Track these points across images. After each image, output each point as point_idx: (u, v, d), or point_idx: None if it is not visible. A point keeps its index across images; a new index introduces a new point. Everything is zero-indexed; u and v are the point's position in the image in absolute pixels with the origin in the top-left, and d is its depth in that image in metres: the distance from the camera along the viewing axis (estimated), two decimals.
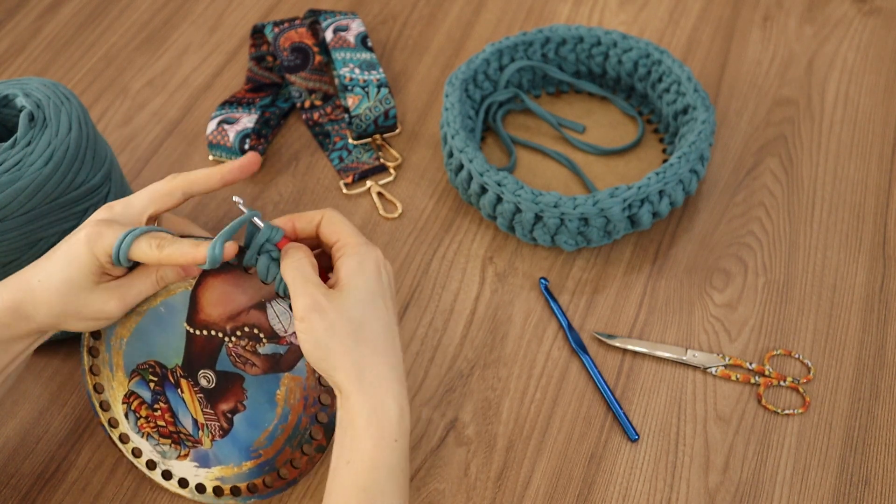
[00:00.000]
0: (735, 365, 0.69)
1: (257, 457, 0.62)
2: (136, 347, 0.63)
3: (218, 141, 0.82)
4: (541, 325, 0.72)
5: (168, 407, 0.63)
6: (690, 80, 0.78)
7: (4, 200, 0.62)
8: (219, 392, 0.62)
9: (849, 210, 0.78)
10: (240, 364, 0.61)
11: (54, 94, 0.66)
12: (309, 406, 0.61)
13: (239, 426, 0.62)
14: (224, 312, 0.61)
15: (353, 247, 0.57)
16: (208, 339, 0.61)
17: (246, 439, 0.62)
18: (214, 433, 0.63)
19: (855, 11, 0.94)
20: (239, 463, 0.63)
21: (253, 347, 0.61)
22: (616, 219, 0.72)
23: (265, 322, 0.60)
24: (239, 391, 0.62)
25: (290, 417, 0.61)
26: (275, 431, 0.62)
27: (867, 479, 0.64)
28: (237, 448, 0.63)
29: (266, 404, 0.61)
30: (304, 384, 0.61)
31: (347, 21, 0.89)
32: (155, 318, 0.62)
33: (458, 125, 0.76)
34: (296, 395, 0.61)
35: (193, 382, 0.62)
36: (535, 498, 0.64)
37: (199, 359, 0.62)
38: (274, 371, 0.61)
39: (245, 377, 0.61)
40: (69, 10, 0.98)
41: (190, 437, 0.63)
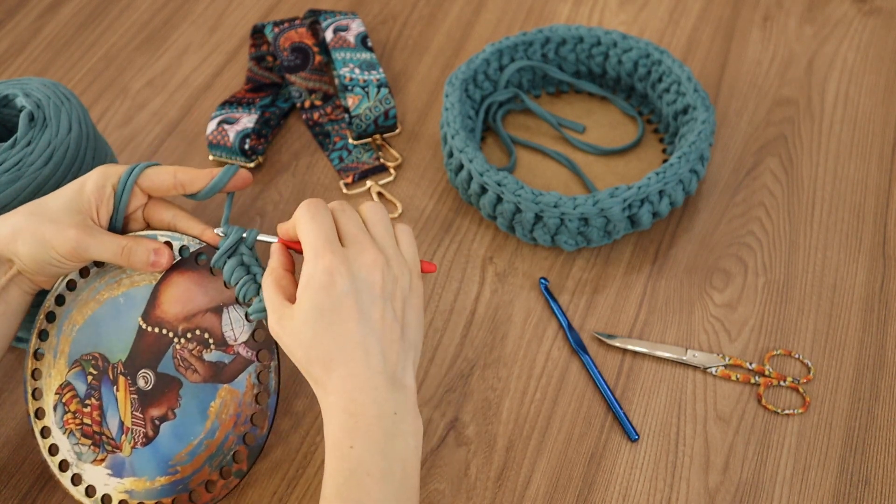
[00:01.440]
0: (735, 365, 0.69)
1: (174, 473, 0.59)
2: (86, 336, 0.61)
3: (218, 141, 0.82)
4: (541, 325, 0.72)
5: (99, 404, 0.60)
6: (690, 80, 0.78)
7: (4, 200, 0.62)
8: (154, 395, 0.59)
9: (849, 210, 0.78)
10: (182, 368, 0.59)
11: (54, 94, 0.66)
12: (239, 424, 0.58)
13: (164, 436, 0.59)
14: (181, 311, 0.59)
15: (305, 262, 0.55)
16: (158, 337, 0.59)
17: (167, 452, 0.59)
18: (137, 440, 0.60)
19: (855, 11, 0.94)
20: (153, 477, 0.59)
21: (199, 352, 0.59)
22: (616, 219, 0.72)
23: (218, 327, 0.58)
24: (174, 397, 0.59)
25: (217, 434, 0.59)
26: (198, 447, 0.59)
27: (867, 479, 0.64)
28: (156, 460, 0.59)
29: (197, 415, 0.59)
30: (240, 399, 0.58)
31: (347, 21, 0.89)
32: (113, 308, 0.61)
33: (458, 125, 0.76)
34: (229, 409, 0.58)
35: (132, 381, 0.60)
36: (535, 498, 0.64)
37: (144, 357, 0.60)
38: (214, 381, 0.59)
39: (183, 383, 0.59)
40: (69, 10, 0.98)
41: (112, 440, 0.60)
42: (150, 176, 0.61)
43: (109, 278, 0.62)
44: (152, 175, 0.61)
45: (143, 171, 0.61)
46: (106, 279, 0.62)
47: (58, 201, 0.60)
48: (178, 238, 0.61)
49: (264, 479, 0.65)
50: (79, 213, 0.59)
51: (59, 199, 0.60)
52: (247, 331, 0.58)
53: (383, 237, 0.58)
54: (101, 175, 0.61)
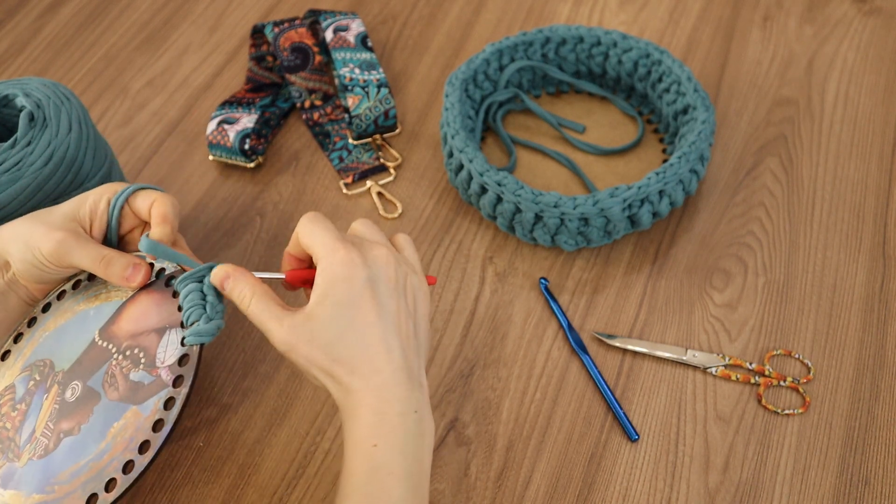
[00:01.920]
0: (735, 365, 0.69)
1: (49, 492, 0.56)
2: (48, 344, 0.61)
3: (218, 141, 0.82)
4: (541, 325, 0.72)
5: (25, 410, 0.59)
6: (690, 80, 0.78)
7: (4, 200, 0.62)
8: (72, 408, 0.57)
9: (849, 210, 0.78)
10: (106, 385, 0.57)
11: (54, 94, 0.66)
12: (128, 449, 0.55)
13: (60, 450, 0.57)
14: (133, 329, 0.58)
15: (318, 261, 0.55)
16: (103, 351, 0.58)
17: (55, 468, 0.56)
18: (37, 451, 0.57)
19: (855, 11, 0.94)
20: (29, 493, 0.56)
21: (128, 370, 0.57)
22: (616, 219, 0.72)
23: (154, 348, 0.57)
24: (87, 412, 0.57)
25: (105, 456, 0.55)
26: (83, 468, 0.55)
27: (867, 479, 0.64)
28: (41, 476, 0.56)
29: (97, 434, 0.56)
30: (140, 423, 0.55)
31: (347, 21, 0.89)
32: (81, 319, 0.60)
33: (458, 125, 0.76)
34: (127, 433, 0.55)
35: (61, 391, 0.58)
36: (535, 498, 0.64)
37: (83, 369, 0.58)
38: (127, 401, 0.56)
39: (101, 399, 0.57)
40: (69, 10, 0.98)
41: (16, 448, 0.58)
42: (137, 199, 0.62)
43: (91, 292, 0.61)
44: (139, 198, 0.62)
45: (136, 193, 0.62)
46: (89, 292, 0.62)
47: (60, 209, 0.61)
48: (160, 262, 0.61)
49: (264, 480, 0.65)
50: (73, 221, 0.60)
51: (63, 207, 0.61)
52: (176, 355, 0.56)
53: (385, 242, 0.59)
54: (101, 190, 0.61)
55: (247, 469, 0.66)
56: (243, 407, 0.69)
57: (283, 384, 0.70)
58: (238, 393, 0.69)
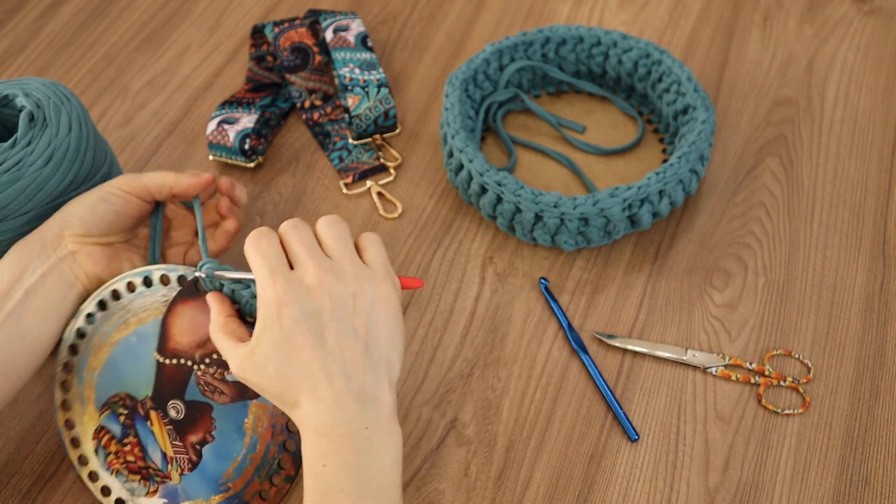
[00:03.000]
0: (735, 365, 0.70)
1: (226, 490, 0.61)
2: (107, 380, 0.62)
3: (218, 141, 0.82)
4: (541, 325, 0.72)
5: (138, 441, 0.62)
6: (690, 80, 0.78)
7: (4, 200, 0.62)
8: (188, 423, 0.61)
9: (849, 210, 0.78)
10: (208, 393, 0.60)
11: (54, 94, 0.66)
12: (277, 434, 0.60)
13: (207, 458, 0.61)
14: (194, 339, 0.60)
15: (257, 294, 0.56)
16: (178, 367, 0.61)
17: (215, 472, 0.61)
18: (183, 467, 0.61)
19: (855, 11, 0.94)
20: (208, 497, 0.61)
21: (221, 375, 0.60)
22: (616, 219, 0.72)
23: None
24: (208, 421, 0.60)
25: (258, 447, 0.60)
26: (243, 462, 0.60)
27: (867, 479, 0.64)
28: (205, 481, 0.61)
29: (234, 434, 0.60)
30: (271, 411, 0.60)
31: (347, 21, 0.89)
32: (126, 348, 0.62)
33: (458, 125, 0.76)
34: (263, 423, 0.60)
35: (163, 414, 0.61)
36: (535, 498, 0.64)
37: (169, 389, 0.61)
38: (242, 399, 0.60)
39: (214, 406, 0.60)
40: (69, 10, 0.98)
41: (159, 472, 0.62)
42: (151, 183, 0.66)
43: (116, 320, 0.63)
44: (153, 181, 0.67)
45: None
46: (113, 321, 0.63)
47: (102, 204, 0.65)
48: (174, 269, 0.61)
49: None
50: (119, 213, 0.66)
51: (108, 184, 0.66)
52: None
53: (339, 252, 0.57)
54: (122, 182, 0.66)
55: None
56: None
57: None
58: None
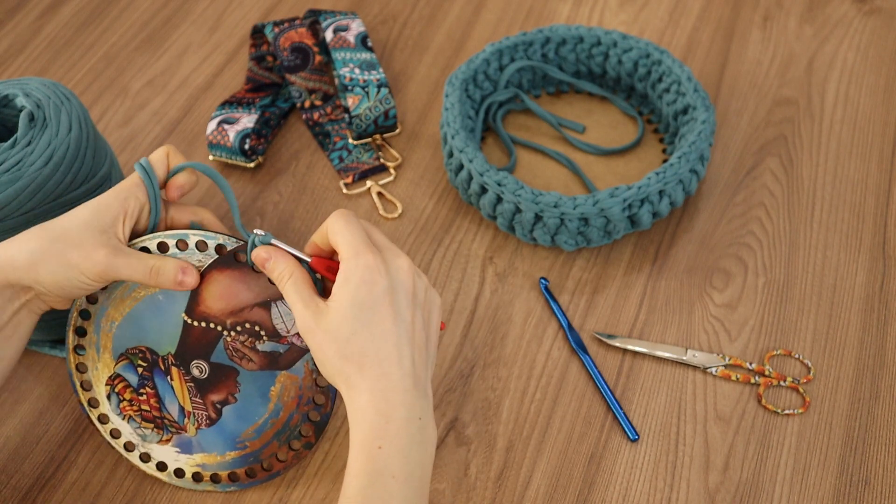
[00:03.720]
0: (735, 365, 0.69)
1: (243, 448, 0.63)
2: (128, 332, 0.63)
3: (218, 141, 0.82)
4: (541, 325, 0.72)
5: (155, 392, 0.64)
6: (690, 80, 0.78)
7: (4, 200, 0.62)
8: (210, 383, 0.63)
9: (849, 210, 0.78)
10: (236, 358, 0.62)
11: (54, 94, 0.66)
12: (302, 405, 0.62)
13: (227, 417, 0.63)
14: (227, 307, 0.61)
15: (344, 261, 0.56)
16: (205, 330, 0.62)
17: (233, 430, 0.63)
18: (201, 422, 0.63)
19: (855, 11, 0.94)
20: (223, 452, 0.63)
21: (252, 343, 0.61)
22: (616, 219, 0.72)
23: (268, 321, 0.61)
24: (232, 384, 0.62)
25: (281, 413, 0.62)
26: (264, 425, 0.62)
27: (867, 479, 0.64)
28: (223, 438, 0.63)
29: (258, 398, 0.62)
30: (300, 383, 0.61)
31: (347, 21, 0.89)
32: (151, 304, 0.62)
33: (458, 125, 0.76)
34: (290, 392, 0.62)
35: (185, 371, 0.63)
36: (535, 498, 0.64)
37: (194, 349, 0.62)
38: (271, 368, 0.61)
39: (240, 371, 0.62)
40: (69, 10, 0.98)
41: (175, 423, 0.64)
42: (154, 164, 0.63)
43: None
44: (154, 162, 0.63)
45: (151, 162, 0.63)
46: None
47: (76, 221, 0.59)
48: (213, 237, 0.61)
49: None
50: (103, 233, 0.59)
51: (77, 220, 0.59)
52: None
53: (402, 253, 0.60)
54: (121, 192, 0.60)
55: None
56: None
57: None
58: None
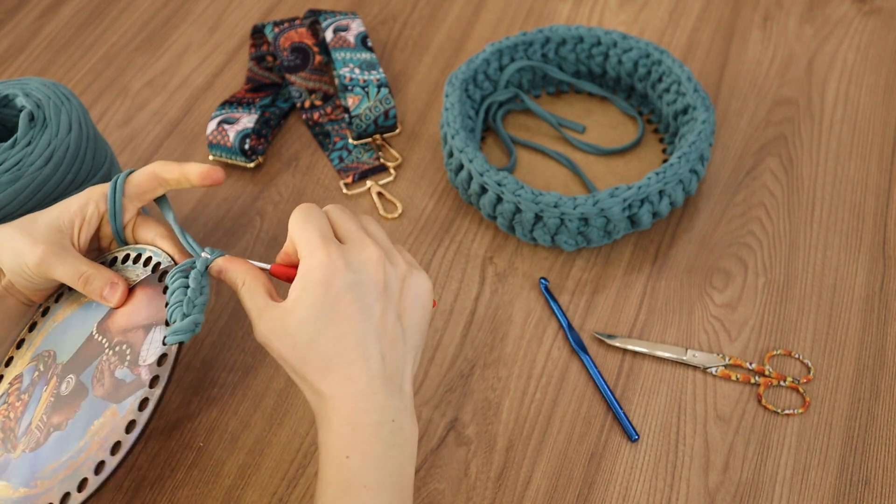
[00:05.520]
0: (735, 365, 0.70)
1: (33, 487, 0.55)
2: (54, 335, 0.60)
3: (218, 141, 0.82)
4: (541, 325, 0.72)
5: (27, 401, 0.59)
6: (690, 80, 0.78)
7: (4, 200, 0.62)
8: (64, 402, 0.57)
9: (849, 210, 0.78)
10: (95, 380, 0.56)
11: (54, 94, 0.66)
12: (101, 448, 0.54)
13: (48, 445, 0.56)
14: (124, 324, 0.57)
15: (301, 260, 0.54)
16: (97, 346, 0.58)
17: (41, 463, 0.56)
18: (30, 444, 0.57)
19: (855, 11, 0.94)
20: (17, 487, 0.56)
21: (114, 367, 0.56)
22: (616, 219, 0.72)
23: (139, 345, 0.56)
24: (75, 407, 0.56)
25: (81, 455, 0.55)
26: (63, 465, 0.54)
27: (867, 479, 0.64)
28: (28, 469, 0.56)
29: (80, 431, 0.55)
30: (115, 423, 0.54)
31: (347, 21, 0.89)
32: (84, 311, 0.60)
33: (458, 125, 0.76)
34: (103, 431, 0.54)
35: (57, 384, 0.58)
36: (535, 498, 0.64)
37: (79, 363, 0.58)
38: (109, 399, 0.55)
39: (88, 394, 0.56)
40: (69, 10, 0.98)
41: (14, 439, 0.58)
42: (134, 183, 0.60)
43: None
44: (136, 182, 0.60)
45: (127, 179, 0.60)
46: None
47: (44, 217, 0.59)
48: (159, 254, 0.59)
49: (264, 479, 0.65)
50: (59, 232, 0.58)
51: (47, 216, 0.59)
52: (156, 354, 0.55)
53: (382, 237, 0.57)
54: (85, 195, 0.59)
55: (247, 469, 0.66)
56: (243, 407, 0.69)
57: (283, 384, 0.70)
58: (238, 393, 0.69)
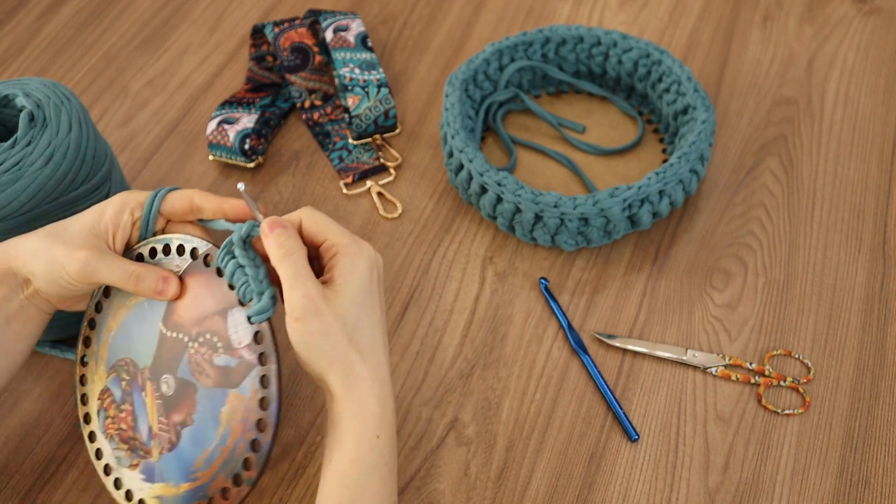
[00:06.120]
0: (735, 365, 0.70)
1: (194, 479, 0.59)
2: (119, 342, 0.61)
3: (218, 141, 0.82)
4: (541, 325, 0.72)
5: (132, 410, 0.61)
6: (690, 80, 0.78)
7: (4, 200, 0.62)
8: (175, 400, 0.59)
9: (849, 210, 0.78)
10: (196, 373, 0.58)
11: (54, 94, 0.66)
12: (247, 430, 0.57)
13: (185, 441, 0.59)
14: (194, 315, 0.59)
15: (345, 246, 0.56)
16: (176, 342, 0.59)
17: (189, 457, 0.59)
18: (164, 445, 0.60)
19: (855, 11, 0.94)
20: (178, 483, 0.59)
21: (210, 357, 0.58)
22: (616, 219, 0.72)
23: (224, 331, 0.57)
24: (191, 402, 0.59)
25: (228, 440, 0.58)
26: (213, 454, 0.58)
27: (867, 479, 0.64)
28: (179, 466, 0.59)
29: (211, 421, 0.58)
30: (246, 405, 0.57)
31: (347, 21, 0.89)
32: (139, 312, 0.61)
33: (458, 125, 0.76)
34: (237, 415, 0.57)
35: (156, 387, 0.60)
36: (535, 498, 0.64)
37: (166, 362, 0.60)
38: (223, 385, 0.58)
39: (198, 388, 0.58)
40: (69, 10, 0.98)
41: (143, 446, 0.60)
42: (169, 201, 0.61)
43: None
44: (171, 200, 0.61)
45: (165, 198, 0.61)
46: None
47: (77, 224, 0.59)
48: (191, 240, 0.60)
49: (264, 480, 0.65)
50: (95, 237, 0.59)
51: (79, 222, 0.59)
52: (249, 334, 0.57)
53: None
54: (120, 202, 0.60)
55: None
56: None
57: (284, 384, 0.70)
58: None
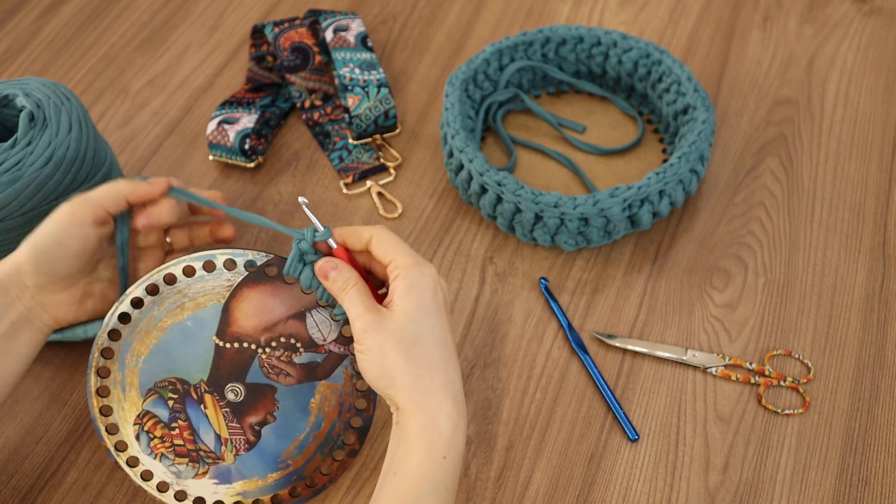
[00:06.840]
0: (735, 365, 0.70)
1: (285, 467, 0.62)
2: (156, 364, 0.62)
3: (218, 141, 0.82)
4: (541, 325, 0.72)
5: (188, 424, 0.62)
6: (690, 80, 0.78)
7: (4, 200, 0.62)
8: (247, 405, 0.62)
9: (849, 210, 0.78)
10: (273, 375, 0.62)
11: (54, 94, 0.66)
12: (344, 412, 0.62)
13: (267, 438, 0.62)
14: (260, 324, 0.61)
15: (407, 268, 0.57)
16: (239, 351, 0.62)
17: (274, 450, 0.62)
18: (239, 447, 0.62)
19: (855, 11, 0.94)
20: (264, 475, 0.62)
21: (289, 357, 0.61)
22: (616, 219, 0.72)
23: (304, 331, 0.61)
24: (270, 402, 0.62)
25: (323, 425, 0.62)
26: (306, 440, 0.62)
27: (867, 479, 0.64)
28: (263, 460, 0.62)
29: (298, 413, 0.62)
30: (340, 391, 0.62)
31: (347, 21, 0.89)
32: (180, 333, 0.62)
33: (458, 125, 0.76)
34: (331, 402, 0.62)
35: (219, 397, 0.62)
36: (535, 498, 0.64)
37: (228, 372, 0.62)
38: (309, 380, 0.62)
39: (278, 388, 0.62)
40: (69, 10, 0.98)
41: (211, 453, 0.62)
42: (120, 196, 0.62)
43: (169, 304, 0.62)
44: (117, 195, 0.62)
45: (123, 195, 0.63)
46: (165, 306, 0.63)
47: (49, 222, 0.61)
48: (241, 254, 0.62)
49: None
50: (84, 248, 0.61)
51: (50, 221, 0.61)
52: (335, 329, 0.61)
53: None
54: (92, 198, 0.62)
55: None
56: None
57: None
58: None
